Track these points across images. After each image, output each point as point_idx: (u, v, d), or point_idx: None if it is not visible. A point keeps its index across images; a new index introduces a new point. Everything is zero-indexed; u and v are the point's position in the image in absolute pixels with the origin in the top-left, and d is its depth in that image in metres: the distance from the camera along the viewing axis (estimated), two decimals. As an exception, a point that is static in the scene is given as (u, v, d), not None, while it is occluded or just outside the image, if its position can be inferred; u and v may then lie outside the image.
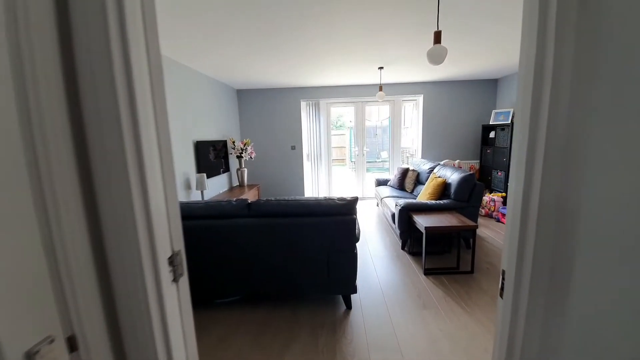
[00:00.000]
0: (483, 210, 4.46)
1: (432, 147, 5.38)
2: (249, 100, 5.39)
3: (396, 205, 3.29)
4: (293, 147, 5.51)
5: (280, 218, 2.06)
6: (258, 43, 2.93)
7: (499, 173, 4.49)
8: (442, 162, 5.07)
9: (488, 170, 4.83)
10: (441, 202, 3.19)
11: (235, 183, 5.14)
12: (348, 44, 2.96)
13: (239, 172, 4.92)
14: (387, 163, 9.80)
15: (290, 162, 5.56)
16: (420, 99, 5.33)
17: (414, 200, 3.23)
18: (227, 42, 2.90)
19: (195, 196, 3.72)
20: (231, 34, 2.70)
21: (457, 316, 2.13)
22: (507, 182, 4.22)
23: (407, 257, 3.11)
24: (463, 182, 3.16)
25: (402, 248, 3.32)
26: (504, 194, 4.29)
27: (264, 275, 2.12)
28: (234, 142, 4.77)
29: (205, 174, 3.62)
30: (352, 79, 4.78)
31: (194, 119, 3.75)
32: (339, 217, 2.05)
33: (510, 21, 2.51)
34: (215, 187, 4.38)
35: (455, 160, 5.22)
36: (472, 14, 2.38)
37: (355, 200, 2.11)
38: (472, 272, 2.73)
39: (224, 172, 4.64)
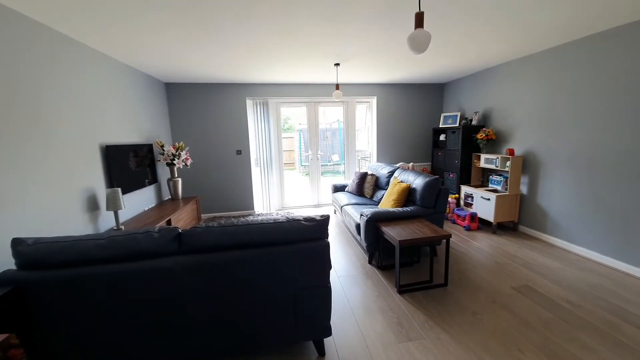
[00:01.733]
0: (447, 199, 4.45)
1: (386, 150, 5.28)
2: (182, 96, 4.53)
3: (361, 215, 2.95)
4: (239, 152, 4.83)
5: (228, 252, 1.49)
6: (193, 29, 2.30)
7: (451, 175, 4.55)
8: (397, 165, 4.98)
9: (440, 172, 4.89)
10: (408, 209, 2.95)
11: (167, 196, 4.24)
12: (302, 33, 2.52)
13: (171, 183, 4.06)
14: (340, 166, 9.60)
15: (236, 168, 4.87)
16: (373, 101, 5.18)
17: (380, 209, 2.93)
18: (153, 26, 2.20)
19: (106, 220, 2.82)
20: (158, 16, 2.03)
21: (445, 346, 1.83)
22: (460, 184, 4.29)
23: (377, 273, 2.78)
24: (428, 187, 2.98)
25: (370, 262, 2.99)
26: (456, 196, 4.34)
27: (204, 333, 1.52)
28: (162, 146, 3.90)
29: (120, 189, 2.76)
30: (304, 77, 4.35)
31: (103, 117, 2.86)
32: (308, 243, 1.57)
33: (459, 27, 2.39)
34: (139, 204, 3.47)
35: (409, 162, 5.19)
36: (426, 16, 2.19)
37: (326, 219, 1.66)
38: (446, 284, 2.52)
39: (150, 183, 3.74)
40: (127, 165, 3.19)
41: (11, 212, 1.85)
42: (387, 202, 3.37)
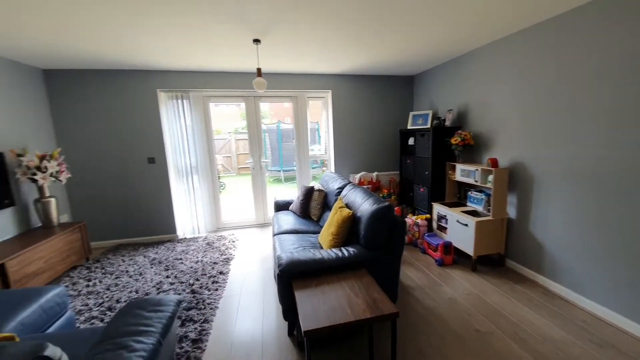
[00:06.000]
0: (406, 237, 3.52)
1: (346, 156, 4.31)
2: (67, 87, 3.40)
3: (276, 262, 1.94)
4: (151, 160, 3.73)
5: None
6: None
7: (422, 189, 3.63)
8: (358, 176, 4.03)
9: (409, 185, 3.96)
10: (345, 253, 1.97)
11: (37, 223, 3.09)
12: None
13: (40, 204, 2.93)
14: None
15: (149, 181, 3.76)
16: (328, 95, 4.21)
17: (300, 256, 1.92)
18: None
19: None
20: None
21: None
22: (431, 201, 3.17)
23: (295, 358, 1.78)
24: (375, 221, 1.99)
25: (290, 333, 2.00)
26: (428, 216, 3.41)
27: None
28: (20, 155, 2.77)
29: None
30: (231, 62, 3.31)
31: None
32: None
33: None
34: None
35: (373, 172, 4.24)
36: None
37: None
38: (394, 386, 1.55)
39: (9, 205, 2.61)
40: None
41: None
42: (325, 235, 2.39)
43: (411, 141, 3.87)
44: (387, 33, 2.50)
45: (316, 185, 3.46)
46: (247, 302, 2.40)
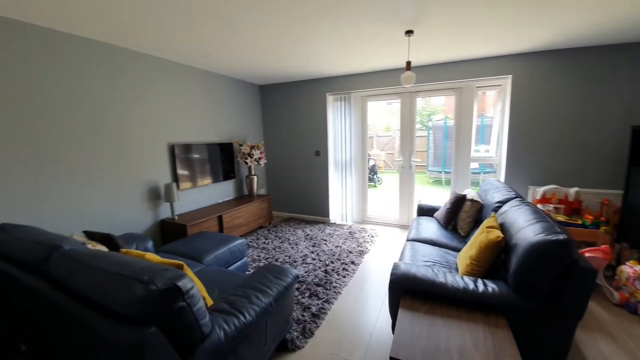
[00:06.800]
0: (616, 295, 2.28)
1: (526, 160, 3.28)
2: (272, 97, 4.62)
3: (393, 271, 1.83)
4: (317, 153, 4.43)
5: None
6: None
7: (670, 226, 2.19)
8: (542, 189, 3.06)
9: (638, 212, 2.50)
10: (479, 288, 1.54)
11: (245, 192, 4.47)
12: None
13: (248, 179, 4.24)
14: (478, 175, 7.38)
15: (314, 171, 4.51)
16: (507, 82, 3.32)
17: (418, 272, 1.69)
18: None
19: (164, 210, 3.20)
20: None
21: None
22: None
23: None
24: (533, 255, 1.42)
25: (398, 349, 1.85)
26: (677, 273, 2.03)
27: None
28: (240, 144, 4.10)
29: (174, 184, 3.05)
30: (384, 61, 3.31)
31: (174, 119, 3.24)
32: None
33: None
34: (212, 197, 3.81)
35: (572, 188, 2.99)
36: None
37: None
38: None
39: (228, 178, 4.03)
40: (199, 162, 3.53)
41: (87, 191, 2.52)
42: (463, 257, 1.99)
43: (658, 146, 2.39)
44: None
45: (470, 193, 2.89)
46: (367, 299, 2.43)
